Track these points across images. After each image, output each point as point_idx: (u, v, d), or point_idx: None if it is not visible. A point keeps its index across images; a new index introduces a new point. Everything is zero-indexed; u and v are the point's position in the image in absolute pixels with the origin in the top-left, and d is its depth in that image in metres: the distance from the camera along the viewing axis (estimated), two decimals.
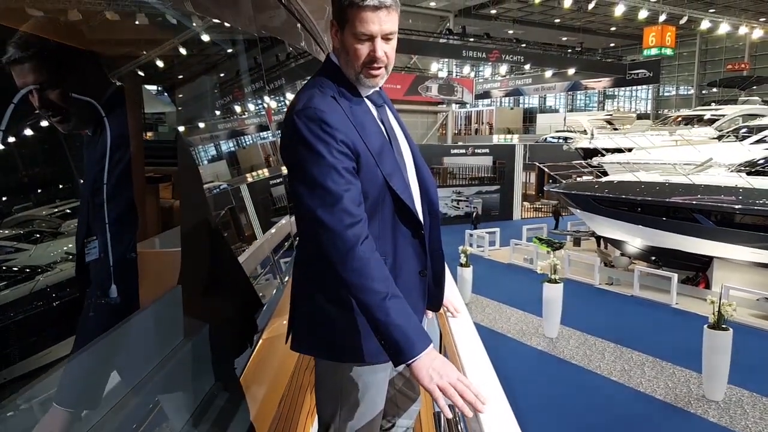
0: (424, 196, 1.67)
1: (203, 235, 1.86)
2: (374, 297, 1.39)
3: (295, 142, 1.47)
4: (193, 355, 1.59)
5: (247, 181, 4.23)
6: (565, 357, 10.21)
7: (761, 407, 8.13)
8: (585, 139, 21.78)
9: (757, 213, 12.30)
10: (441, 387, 1.36)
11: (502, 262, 17.79)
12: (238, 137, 4.98)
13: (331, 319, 1.56)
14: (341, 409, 1.64)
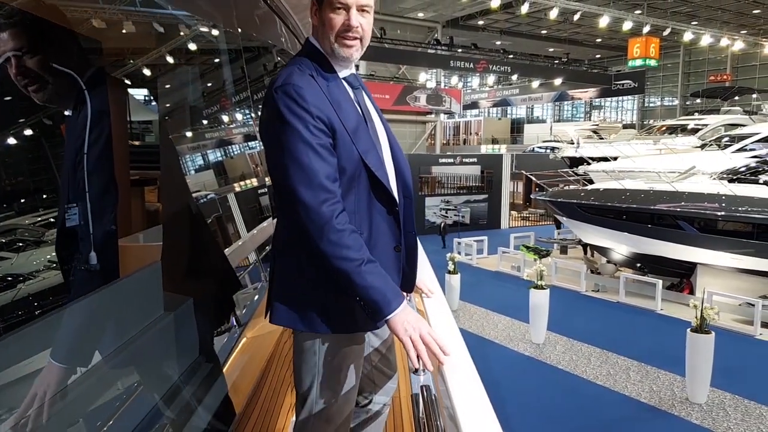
0: (399, 178, 1.74)
1: (183, 215, 1.90)
2: (351, 264, 1.49)
3: (273, 118, 1.53)
4: (174, 328, 1.63)
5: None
6: (551, 362, 10.28)
7: (743, 409, 8.23)
8: (571, 148, 21.99)
9: (738, 220, 12.49)
10: (413, 339, 1.50)
11: (489, 269, 17.87)
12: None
13: (308, 289, 1.62)
14: (318, 382, 1.68)
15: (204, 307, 1.81)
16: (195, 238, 1.93)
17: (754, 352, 10.59)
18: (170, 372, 1.56)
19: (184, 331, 1.67)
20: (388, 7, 26.69)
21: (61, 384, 1.20)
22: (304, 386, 1.70)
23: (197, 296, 1.79)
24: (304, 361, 1.69)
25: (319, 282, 1.60)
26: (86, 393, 1.27)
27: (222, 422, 1.72)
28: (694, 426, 7.85)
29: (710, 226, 12.92)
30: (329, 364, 1.68)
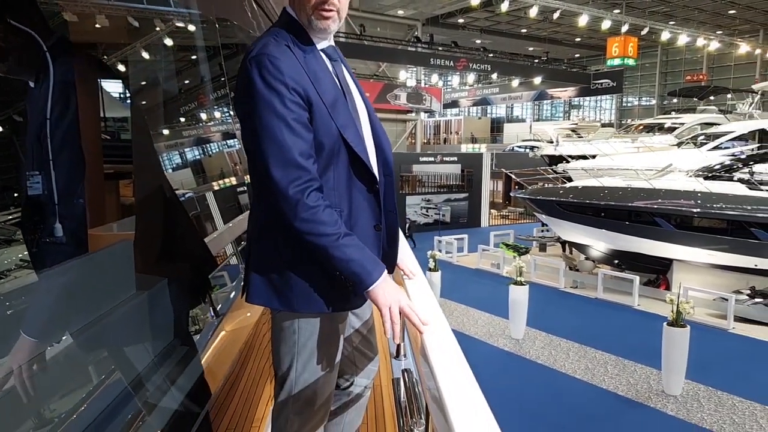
0: (380, 155, 1.70)
1: (157, 192, 1.88)
2: (328, 239, 1.47)
3: (247, 90, 1.49)
4: (147, 307, 1.61)
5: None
6: (530, 357, 10.37)
7: (716, 400, 8.40)
8: (551, 146, 22.19)
9: (713, 216, 12.72)
10: (391, 310, 1.50)
11: (470, 267, 17.95)
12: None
13: (286, 269, 1.59)
14: (297, 362, 1.66)
15: (179, 286, 1.79)
16: (169, 217, 1.92)
17: (727, 345, 10.79)
18: (144, 351, 1.56)
19: (159, 311, 1.66)
20: (368, 4, 26.69)
21: (32, 357, 1.20)
22: (283, 367, 1.68)
23: (171, 276, 1.77)
24: (283, 341, 1.67)
25: (296, 261, 1.58)
26: (58, 367, 1.26)
27: (196, 405, 1.72)
28: (669, 417, 7.99)
29: (686, 223, 13.15)
30: (308, 344, 1.66)
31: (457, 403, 1.12)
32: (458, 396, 1.15)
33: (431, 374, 1.29)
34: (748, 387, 8.61)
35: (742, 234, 12.43)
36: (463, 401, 1.13)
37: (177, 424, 1.49)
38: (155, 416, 1.37)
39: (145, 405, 1.43)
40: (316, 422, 1.74)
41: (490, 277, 16.40)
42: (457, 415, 1.07)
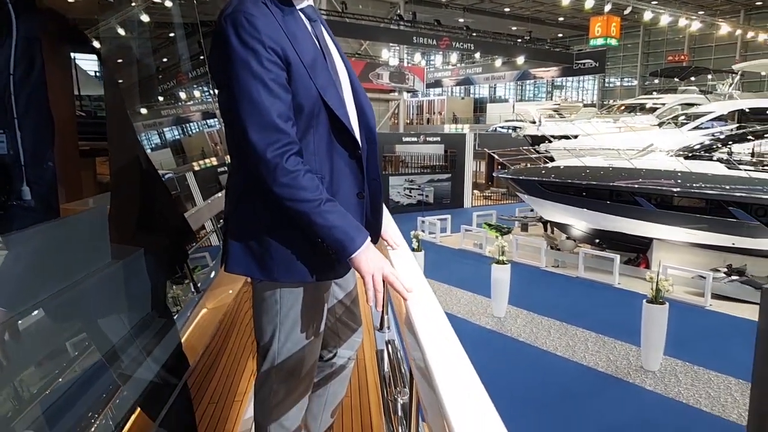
0: (362, 120, 1.66)
1: (133, 163, 1.84)
2: (308, 205, 1.43)
3: (222, 49, 1.43)
4: (122, 276, 1.58)
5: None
6: (512, 335, 10.48)
7: (692, 375, 8.57)
8: (533, 126, 22.25)
9: (693, 196, 12.88)
10: (374, 278, 1.48)
11: (453, 247, 18.01)
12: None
13: (266, 237, 1.55)
14: (279, 333, 1.63)
15: (155, 257, 1.75)
16: (146, 188, 1.87)
17: (704, 322, 10.99)
18: (119, 322, 1.52)
19: (134, 281, 1.62)
20: None
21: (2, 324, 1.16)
22: (266, 338, 1.65)
23: (148, 246, 1.73)
24: (265, 311, 1.64)
25: (277, 229, 1.54)
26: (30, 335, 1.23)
27: (174, 376, 1.69)
28: (647, 392, 8.14)
29: (666, 202, 13.30)
30: (291, 314, 1.63)
31: (444, 372, 1.10)
32: (445, 364, 1.13)
33: (417, 343, 1.27)
34: (723, 362, 8.79)
35: (721, 213, 12.61)
36: (450, 369, 1.12)
37: (153, 395, 1.46)
38: (130, 388, 1.34)
39: (120, 376, 1.40)
40: (300, 393, 1.72)
41: (472, 257, 16.48)
42: (444, 384, 1.05)
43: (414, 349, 1.35)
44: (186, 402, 1.92)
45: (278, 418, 1.70)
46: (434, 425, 1.10)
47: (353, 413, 2.40)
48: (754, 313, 10.92)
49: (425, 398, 1.24)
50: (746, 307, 11.09)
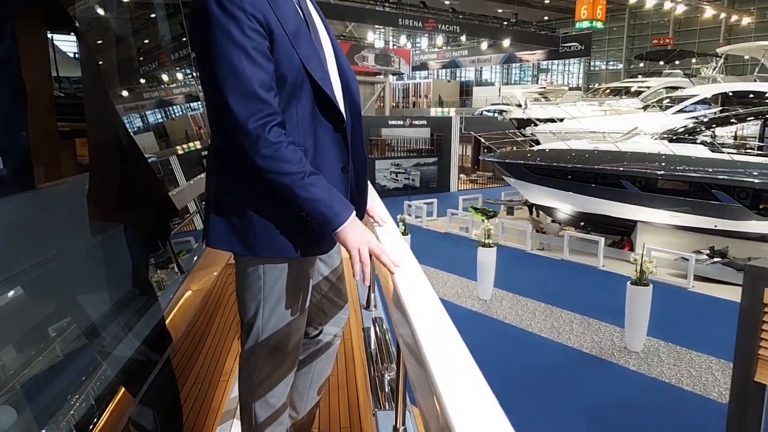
0: (346, 93, 1.62)
1: (111, 140, 1.79)
2: (292, 178, 1.40)
3: (202, 17, 1.38)
4: (102, 252, 1.54)
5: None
6: (498, 317, 10.54)
7: (675, 355, 8.69)
8: (519, 110, 22.25)
9: (677, 179, 12.98)
10: (361, 252, 1.45)
11: (439, 231, 18.04)
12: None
13: (248, 211, 1.51)
14: (263, 309, 1.60)
15: (137, 232, 1.71)
16: (125, 164, 1.83)
17: (686, 303, 11.13)
18: (100, 298, 1.48)
19: (115, 257, 1.58)
20: None
21: None
22: (249, 314, 1.63)
23: (128, 221, 1.69)
24: (248, 287, 1.61)
25: (259, 203, 1.50)
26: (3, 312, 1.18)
27: (156, 354, 1.66)
28: (631, 372, 8.24)
29: (651, 185, 13.39)
30: (275, 290, 1.60)
31: (433, 346, 1.08)
32: (434, 338, 1.11)
33: (405, 318, 1.24)
34: (705, 342, 8.91)
35: (704, 196, 12.73)
36: (439, 343, 1.10)
37: (134, 372, 1.44)
38: (111, 365, 1.31)
39: (100, 353, 1.37)
40: (285, 370, 1.70)
41: (458, 241, 16.53)
42: (433, 358, 1.02)
43: (402, 324, 1.33)
44: (169, 380, 1.90)
45: (263, 395, 1.68)
46: (423, 401, 1.09)
47: (340, 391, 2.39)
48: (735, 295, 11.07)
49: (413, 374, 1.22)
50: (728, 288, 11.24)
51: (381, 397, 1.90)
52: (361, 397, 2.32)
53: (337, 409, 2.29)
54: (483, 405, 0.85)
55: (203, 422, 2.14)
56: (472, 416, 0.80)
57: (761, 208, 12.60)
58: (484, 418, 0.80)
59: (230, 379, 2.42)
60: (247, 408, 1.70)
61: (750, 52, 19.88)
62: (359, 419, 2.22)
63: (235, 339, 2.86)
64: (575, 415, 7.00)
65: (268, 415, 1.69)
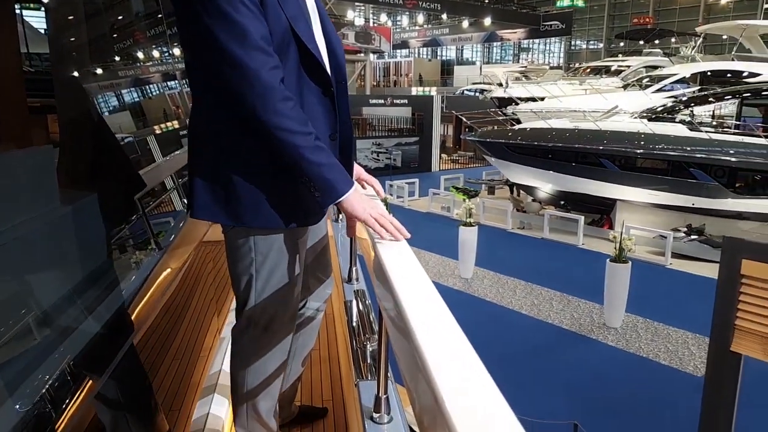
0: (332, 58, 1.56)
1: (81, 111, 1.73)
2: (304, 139, 1.34)
3: None
4: (71, 223, 1.48)
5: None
6: (479, 295, 10.62)
7: (652, 331, 8.84)
8: (500, 89, 22.23)
9: (656, 157, 13.10)
10: (375, 216, 1.45)
11: (421, 211, 18.07)
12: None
13: (235, 179, 1.44)
14: (256, 282, 1.56)
15: (103, 205, 1.65)
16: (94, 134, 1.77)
17: (664, 280, 11.31)
18: (61, 272, 1.43)
19: (83, 228, 1.53)
20: None
21: None
22: (242, 287, 1.58)
23: (94, 194, 1.63)
24: (239, 259, 1.56)
25: (248, 169, 1.44)
26: None
27: (121, 334, 1.62)
28: (609, 347, 8.37)
29: (630, 164, 13.50)
30: (267, 262, 1.55)
31: (417, 312, 1.04)
32: (417, 305, 1.08)
33: (388, 285, 1.21)
34: (681, 318, 9.07)
35: (682, 174, 12.88)
36: (423, 310, 1.06)
37: (96, 352, 1.39)
38: (75, 342, 1.27)
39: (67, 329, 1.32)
40: (280, 343, 1.66)
41: (440, 220, 16.56)
42: (417, 326, 0.99)
43: (384, 292, 1.30)
44: (143, 356, 1.86)
45: (255, 369, 1.64)
46: (407, 370, 1.06)
47: (322, 365, 2.38)
48: (712, 272, 11.25)
49: (396, 343, 1.19)
50: (705, 265, 11.43)
51: (363, 368, 1.89)
52: (343, 370, 2.31)
53: (319, 382, 2.28)
54: (470, 371, 0.82)
55: (183, 397, 2.11)
56: (459, 383, 0.78)
57: (737, 186, 12.79)
58: (471, 384, 0.78)
59: (210, 356, 2.39)
60: (239, 381, 1.66)
61: (728, 31, 20.02)
62: (341, 391, 2.21)
63: (215, 316, 2.82)
64: (555, 390, 7.09)
65: (258, 388, 1.66)
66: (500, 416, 0.69)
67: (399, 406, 1.67)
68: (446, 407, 0.70)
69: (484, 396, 0.74)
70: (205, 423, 1.82)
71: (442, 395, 0.73)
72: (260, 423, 1.70)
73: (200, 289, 3.02)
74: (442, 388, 0.75)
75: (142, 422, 1.76)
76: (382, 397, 1.63)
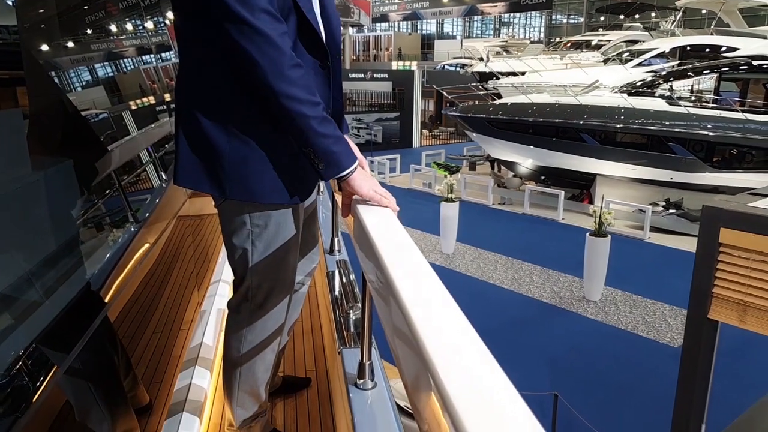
0: (328, 32, 1.51)
1: (47, 89, 1.67)
2: (312, 108, 1.30)
3: None
4: (43, 191, 1.43)
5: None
6: (460, 270, 10.68)
7: (631, 303, 8.98)
8: (481, 63, 22.13)
9: (635, 132, 13.18)
10: (378, 192, 1.45)
11: (402, 187, 18.04)
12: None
13: (228, 151, 1.38)
14: (252, 255, 1.52)
15: (68, 174, 1.60)
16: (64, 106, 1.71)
17: (642, 253, 11.48)
18: (28, 244, 1.38)
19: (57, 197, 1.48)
20: None
21: None
22: (238, 263, 1.54)
23: (59, 161, 1.58)
24: (234, 233, 1.51)
25: (242, 139, 1.38)
26: None
27: (95, 306, 1.58)
28: (589, 320, 8.49)
29: (610, 139, 13.58)
30: (262, 236, 1.51)
31: (402, 274, 1.02)
32: (402, 267, 1.06)
33: (372, 249, 1.18)
34: (659, 290, 9.23)
35: (661, 149, 13.00)
36: (409, 273, 1.04)
37: (70, 321, 1.36)
38: (39, 316, 1.23)
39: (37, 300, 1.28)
40: (277, 319, 1.63)
41: (421, 197, 16.57)
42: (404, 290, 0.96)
43: (370, 271, 1.27)
44: (118, 329, 1.82)
45: (252, 344, 1.61)
46: (395, 335, 1.04)
47: (305, 337, 2.36)
48: (689, 245, 11.46)
49: (382, 309, 1.17)
50: (682, 239, 11.62)
51: (346, 336, 1.88)
52: (326, 341, 2.29)
53: (302, 354, 2.26)
54: (457, 331, 0.80)
55: (164, 370, 2.09)
56: (448, 342, 0.76)
57: (714, 160, 12.95)
58: (458, 342, 0.76)
59: (191, 328, 2.36)
60: (234, 354, 1.62)
61: (707, 6, 20.07)
62: (324, 361, 2.20)
63: (195, 289, 2.78)
64: (536, 362, 7.19)
65: (254, 363, 1.64)
66: (490, 373, 0.67)
67: (383, 372, 1.67)
68: (434, 366, 0.68)
69: (473, 353, 0.72)
70: (187, 394, 1.80)
71: (430, 354, 0.71)
72: (251, 395, 1.69)
73: (180, 262, 2.98)
74: (430, 347, 0.73)
75: (122, 395, 1.73)
76: (366, 363, 1.62)
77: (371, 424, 1.46)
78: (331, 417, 1.90)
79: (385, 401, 1.56)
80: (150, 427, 1.86)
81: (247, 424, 1.73)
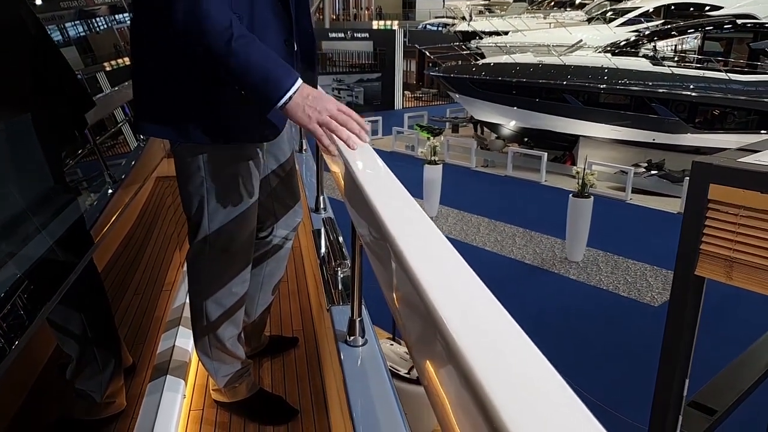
0: None
1: (16, 27, 1.56)
2: (216, 39, 1.17)
3: None
4: (9, 141, 1.35)
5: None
6: (444, 232, 10.44)
7: (612, 264, 9.06)
8: (464, 23, 21.80)
9: (618, 92, 13.13)
10: (323, 122, 1.23)
11: (385, 150, 17.86)
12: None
13: (179, 95, 1.34)
14: (207, 203, 1.46)
15: (49, 122, 1.51)
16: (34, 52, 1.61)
17: (624, 214, 11.55)
18: (8, 191, 1.30)
19: (23, 147, 1.40)
20: None
21: None
22: (193, 209, 1.48)
23: (37, 111, 1.49)
24: (189, 180, 1.45)
25: (186, 82, 1.32)
26: None
27: (75, 253, 1.51)
28: (571, 281, 8.57)
29: (593, 99, 13.52)
30: (217, 182, 1.45)
31: (400, 227, 0.96)
32: (398, 216, 0.99)
33: (364, 201, 1.11)
34: (640, 251, 9.31)
35: (643, 109, 12.98)
36: (405, 221, 0.98)
37: (48, 272, 1.29)
38: (20, 264, 1.16)
39: (8, 255, 1.21)
40: (237, 268, 1.57)
41: (404, 159, 16.45)
42: (402, 240, 0.90)
43: (359, 226, 1.21)
44: (96, 288, 1.75)
45: (214, 295, 1.56)
46: (391, 285, 0.98)
47: (291, 297, 2.31)
48: (671, 206, 11.58)
49: (378, 265, 1.11)
50: (663, 200, 11.70)
51: (335, 294, 1.83)
52: (313, 301, 2.24)
53: (288, 315, 2.21)
54: (460, 276, 0.75)
55: (146, 332, 2.03)
56: (452, 291, 0.71)
57: (697, 121, 12.98)
58: (462, 288, 0.71)
59: (173, 290, 2.29)
60: (198, 308, 1.58)
61: None
62: (312, 321, 2.15)
63: (176, 250, 2.70)
64: (519, 322, 7.22)
65: (219, 314, 1.58)
66: (499, 320, 0.62)
67: (372, 328, 1.63)
68: (439, 315, 0.63)
69: (478, 300, 0.67)
70: (170, 355, 1.75)
71: (434, 304, 0.66)
72: (224, 351, 1.64)
73: (160, 223, 2.90)
74: (434, 298, 0.68)
75: (104, 357, 1.67)
76: (356, 319, 1.57)
77: (362, 380, 1.42)
78: (320, 375, 1.87)
79: (377, 357, 1.53)
80: (134, 389, 1.82)
81: (231, 384, 1.69)
